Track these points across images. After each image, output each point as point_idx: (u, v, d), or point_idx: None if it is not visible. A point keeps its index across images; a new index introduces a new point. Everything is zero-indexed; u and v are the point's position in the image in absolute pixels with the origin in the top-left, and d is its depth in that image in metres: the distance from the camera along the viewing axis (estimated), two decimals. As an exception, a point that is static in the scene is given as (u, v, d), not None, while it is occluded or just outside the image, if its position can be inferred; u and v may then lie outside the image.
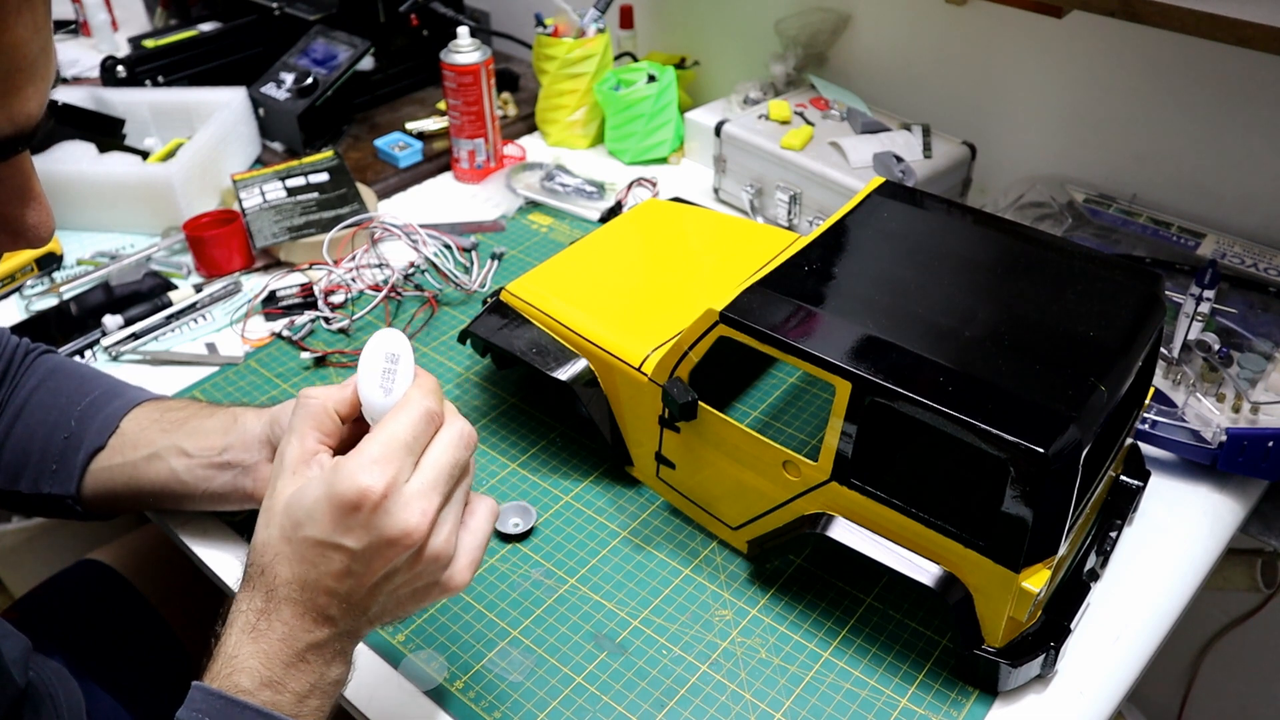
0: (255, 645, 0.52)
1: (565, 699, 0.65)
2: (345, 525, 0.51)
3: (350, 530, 0.51)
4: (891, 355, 0.61)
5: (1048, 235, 0.76)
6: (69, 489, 0.73)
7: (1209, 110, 0.95)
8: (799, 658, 0.68)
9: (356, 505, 0.50)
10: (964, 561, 0.61)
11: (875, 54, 1.19)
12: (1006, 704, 0.65)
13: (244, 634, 0.52)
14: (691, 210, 0.98)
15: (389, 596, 0.54)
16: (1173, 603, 0.72)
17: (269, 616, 0.52)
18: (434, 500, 0.52)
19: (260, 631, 0.52)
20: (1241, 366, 0.81)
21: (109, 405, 0.76)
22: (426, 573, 0.53)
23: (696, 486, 0.76)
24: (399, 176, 1.24)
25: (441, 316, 1.00)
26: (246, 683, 0.51)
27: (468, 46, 1.17)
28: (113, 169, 1.13)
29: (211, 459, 0.71)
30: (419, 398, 0.54)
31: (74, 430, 0.74)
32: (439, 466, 0.53)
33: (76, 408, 0.75)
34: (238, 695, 0.51)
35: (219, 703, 0.51)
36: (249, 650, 0.52)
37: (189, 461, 0.71)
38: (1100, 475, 0.66)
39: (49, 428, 0.75)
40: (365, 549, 0.51)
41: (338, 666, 0.54)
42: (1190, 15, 0.79)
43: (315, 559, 0.52)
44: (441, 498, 0.52)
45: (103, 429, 0.74)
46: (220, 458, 0.71)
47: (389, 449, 0.51)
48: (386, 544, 0.51)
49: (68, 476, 0.73)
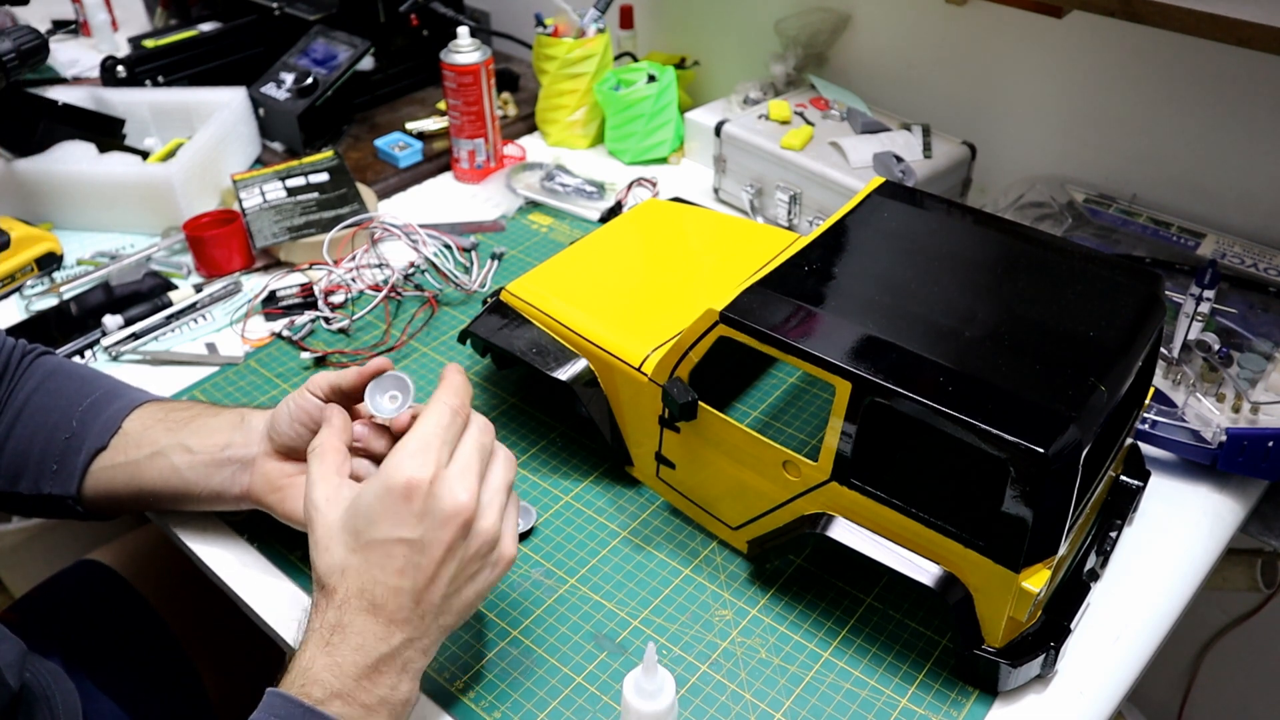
0: (329, 658, 0.55)
1: (565, 699, 0.65)
2: (402, 516, 0.55)
3: (407, 520, 0.55)
4: (891, 355, 0.61)
5: (1048, 235, 0.76)
6: (70, 489, 0.73)
7: (1209, 110, 0.95)
8: (799, 658, 0.68)
9: (409, 494, 0.55)
10: (964, 561, 0.61)
11: (875, 54, 1.19)
12: (1006, 704, 0.65)
13: (318, 648, 0.55)
14: (691, 210, 0.98)
15: (450, 585, 0.57)
16: (1173, 603, 0.72)
17: (342, 630, 0.55)
18: (473, 479, 0.57)
19: (333, 645, 0.55)
20: (1241, 366, 0.81)
21: (111, 406, 0.76)
22: (479, 553, 0.57)
23: (696, 486, 0.76)
24: (399, 176, 1.24)
25: (441, 316, 1.00)
26: (318, 693, 0.54)
27: (468, 46, 1.17)
28: (113, 169, 1.13)
29: (214, 455, 0.71)
30: (444, 397, 0.59)
31: (75, 431, 0.74)
32: (469, 451, 0.58)
33: (78, 409, 0.75)
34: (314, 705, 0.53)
35: (297, 710, 0.53)
36: (323, 663, 0.55)
37: (191, 458, 0.72)
38: (1100, 475, 0.66)
39: (49, 429, 0.75)
40: (423, 535, 0.55)
41: (407, 683, 0.57)
42: (1190, 15, 0.79)
43: (380, 560, 0.55)
44: (478, 477, 0.57)
45: (104, 429, 0.74)
46: (223, 454, 0.71)
47: (424, 441, 0.56)
48: (441, 524, 0.55)
49: (69, 477, 0.73)
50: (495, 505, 0.58)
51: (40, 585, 0.95)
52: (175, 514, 0.78)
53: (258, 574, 0.74)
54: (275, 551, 0.76)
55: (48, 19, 1.63)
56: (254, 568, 0.75)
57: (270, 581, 0.74)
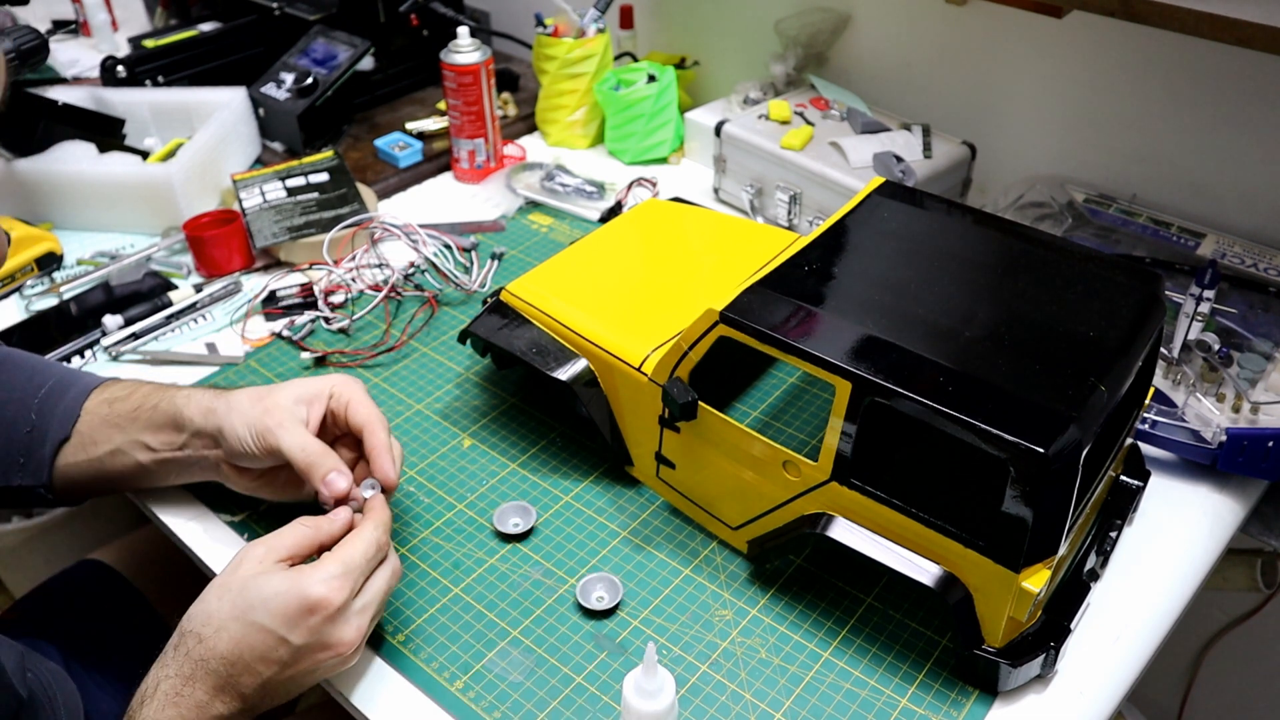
0: (175, 710, 0.58)
1: (565, 699, 0.65)
2: (295, 623, 0.58)
3: (298, 628, 0.59)
4: (891, 355, 0.61)
5: (1048, 235, 0.76)
6: (40, 479, 0.75)
7: (1209, 110, 0.95)
8: (799, 658, 0.68)
9: (312, 610, 0.59)
10: (964, 561, 0.61)
11: (875, 54, 1.19)
12: (1006, 704, 0.65)
13: (166, 699, 0.58)
14: (691, 210, 0.98)
15: (299, 685, 0.62)
16: (1173, 603, 0.72)
17: (192, 684, 0.58)
18: (367, 619, 0.62)
19: (182, 697, 0.58)
20: (1241, 366, 0.81)
21: (66, 394, 0.77)
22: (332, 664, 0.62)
23: (696, 486, 0.76)
24: (399, 176, 1.24)
25: (441, 316, 1.00)
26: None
27: (468, 46, 1.17)
28: (113, 169, 1.13)
29: (174, 454, 0.73)
30: (372, 531, 0.63)
31: (35, 423, 0.75)
32: (376, 594, 0.63)
33: (34, 400, 0.76)
34: None
35: None
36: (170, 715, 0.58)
37: (154, 455, 0.74)
38: (1100, 475, 0.66)
39: (8, 422, 0.76)
40: (304, 647, 0.59)
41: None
42: (1190, 15, 0.79)
43: (255, 642, 0.58)
44: (370, 620, 0.62)
45: (65, 419, 0.75)
46: (182, 453, 0.73)
47: (348, 569, 0.61)
48: (322, 647, 0.60)
49: (38, 468, 0.75)
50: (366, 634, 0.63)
51: (42, 584, 0.95)
52: (175, 515, 0.79)
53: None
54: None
55: (48, 19, 1.63)
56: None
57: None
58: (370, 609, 0.62)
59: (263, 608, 0.59)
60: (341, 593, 0.59)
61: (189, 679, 0.58)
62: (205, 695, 0.58)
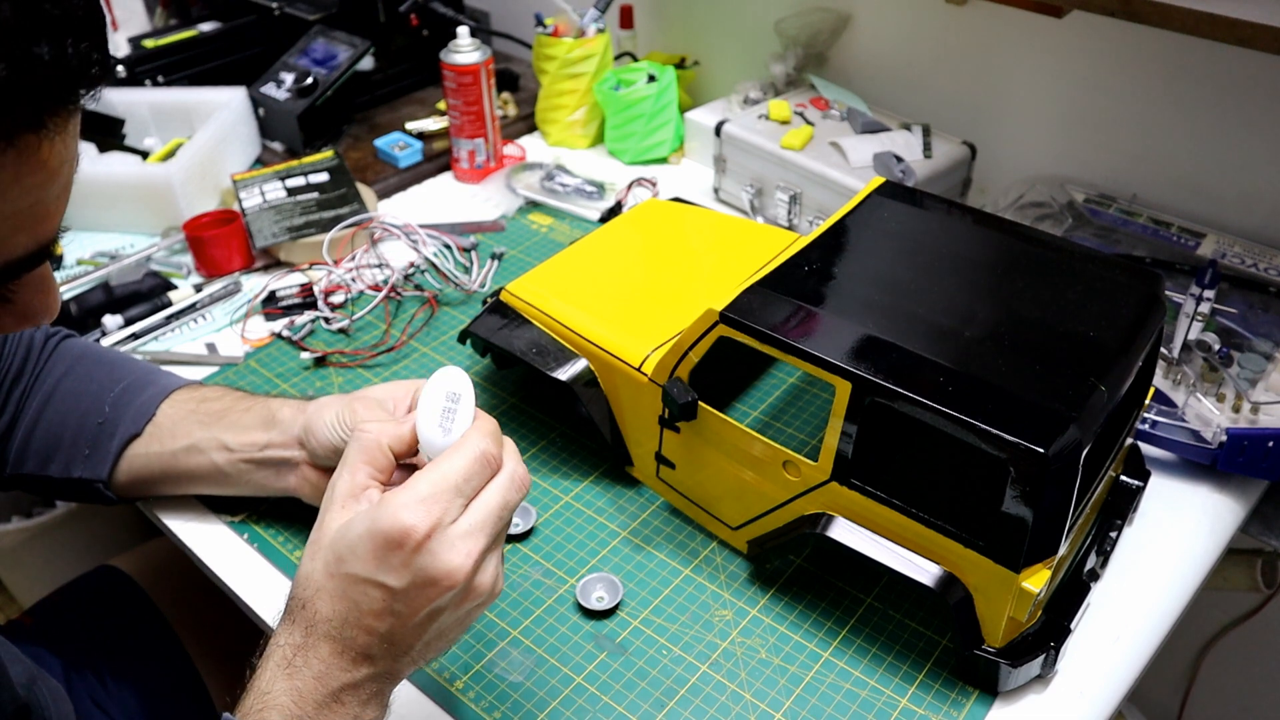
0: (289, 682, 0.51)
1: (565, 699, 0.65)
2: (387, 563, 0.50)
3: (392, 568, 0.50)
4: (891, 355, 0.61)
5: (1048, 235, 0.76)
6: (101, 473, 0.74)
7: (1209, 110, 0.95)
8: (799, 658, 0.68)
9: (399, 543, 0.50)
10: (964, 561, 0.61)
11: (875, 54, 1.19)
12: (1006, 704, 0.65)
13: (279, 669, 0.52)
14: (691, 210, 0.98)
15: (434, 633, 0.53)
16: (1173, 603, 0.72)
17: (306, 653, 0.52)
18: (480, 541, 0.52)
19: (295, 668, 0.51)
20: (1241, 366, 0.81)
21: (144, 392, 0.76)
22: (472, 608, 0.54)
23: (696, 486, 0.76)
24: (399, 176, 1.24)
25: (441, 316, 1.00)
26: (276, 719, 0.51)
27: (468, 46, 1.17)
28: (113, 169, 1.13)
29: (252, 455, 0.72)
30: (476, 440, 0.54)
31: (109, 416, 0.74)
32: (488, 509, 0.53)
33: (110, 394, 0.76)
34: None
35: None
36: (282, 687, 0.51)
37: (230, 456, 0.72)
38: (1100, 475, 0.66)
39: (81, 414, 0.75)
40: (407, 587, 0.51)
41: (372, 709, 0.53)
42: (1190, 15, 0.79)
43: (357, 596, 0.51)
44: (488, 539, 0.52)
45: (139, 415, 0.74)
46: (261, 454, 0.71)
47: (437, 488, 0.51)
48: (428, 583, 0.51)
49: (101, 461, 0.74)
50: (495, 559, 0.54)
51: (60, 589, 0.94)
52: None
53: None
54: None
55: (48, 19, 1.63)
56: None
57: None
58: (483, 530, 0.52)
59: (351, 556, 0.51)
60: (430, 517, 0.50)
61: (300, 648, 0.52)
62: (322, 665, 0.51)
